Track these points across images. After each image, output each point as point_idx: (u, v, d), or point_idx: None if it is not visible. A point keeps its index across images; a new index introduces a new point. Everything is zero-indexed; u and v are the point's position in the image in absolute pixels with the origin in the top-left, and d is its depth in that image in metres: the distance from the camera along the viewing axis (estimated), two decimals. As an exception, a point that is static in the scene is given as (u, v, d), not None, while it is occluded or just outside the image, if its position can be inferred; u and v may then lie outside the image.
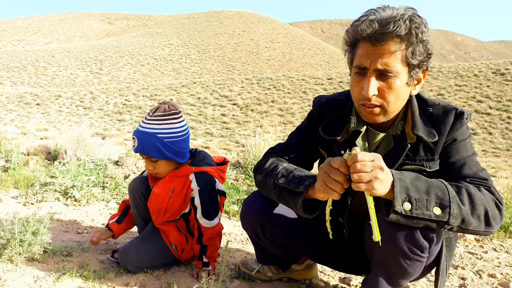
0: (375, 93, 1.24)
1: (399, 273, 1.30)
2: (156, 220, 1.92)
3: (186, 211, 1.91)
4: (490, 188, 1.24)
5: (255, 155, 4.35)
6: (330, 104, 1.52)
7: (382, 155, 1.37)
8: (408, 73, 1.25)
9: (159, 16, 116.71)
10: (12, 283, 1.59)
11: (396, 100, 1.27)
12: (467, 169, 1.29)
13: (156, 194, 1.87)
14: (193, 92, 30.06)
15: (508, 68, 27.69)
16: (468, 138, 1.35)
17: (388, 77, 1.23)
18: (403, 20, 1.18)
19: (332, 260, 1.67)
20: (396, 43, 1.20)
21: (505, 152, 18.80)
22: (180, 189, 1.85)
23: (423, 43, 1.23)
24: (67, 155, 4.27)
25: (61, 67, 52.31)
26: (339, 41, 29.85)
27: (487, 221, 1.18)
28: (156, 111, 1.78)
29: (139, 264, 1.81)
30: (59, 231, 2.38)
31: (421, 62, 1.25)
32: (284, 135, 19.86)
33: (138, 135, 1.76)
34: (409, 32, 1.19)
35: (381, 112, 1.29)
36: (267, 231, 1.55)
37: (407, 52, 1.21)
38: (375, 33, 1.20)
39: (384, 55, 1.21)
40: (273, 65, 67.67)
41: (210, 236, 1.86)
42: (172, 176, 1.85)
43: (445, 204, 1.12)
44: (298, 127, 1.63)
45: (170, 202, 1.86)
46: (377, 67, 1.22)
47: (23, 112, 27.11)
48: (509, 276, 2.07)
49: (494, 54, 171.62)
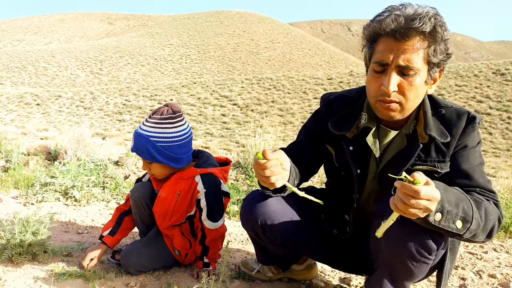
0: (396, 89, 1.23)
1: (404, 274, 1.30)
2: (161, 224, 1.90)
3: (192, 213, 1.90)
4: (498, 203, 1.26)
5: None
6: (340, 100, 1.51)
7: (394, 154, 1.37)
8: (428, 71, 1.25)
9: (159, 16, 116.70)
10: (12, 283, 1.59)
11: (415, 98, 1.27)
12: (477, 179, 1.29)
13: (163, 197, 1.85)
14: (193, 92, 30.06)
15: (508, 68, 27.68)
16: (478, 145, 1.34)
17: (409, 74, 1.22)
18: (428, 17, 1.17)
19: (332, 259, 1.67)
20: (420, 40, 1.19)
21: (505, 152, 18.79)
22: (186, 191, 1.84)
23: (445, 42, 1.22)
24: (67, 155, 4.27)
25: (61, 67, 52.31)
26: (339, 41, 29.85)
27: (490, 235, 1.20)
28: (155, 113, 1.78)
29: (141, 268, 1.81)
30: (59, 231, 2.38)
31: (441, 61, 1.24)
32: (284, 135, 19.86)
33: (134, 136, 1.79)
34: (434, 30, 1.18)
35: (398, 108, 1.27)
36: (267, 230, 1.54)
37: (430, 50, 1.20)
38: (400, 28, 1.18)
39: (407, 51, 1.19)
40: (273, 65, 67.66)
41: (213, 238, 1.86)
42: (178, 179, 1.84)
43: (468, 219, 1.12)
44: (304, 125, 1.62)
45: (177, 204, 1.85)
46: (399, 63, 1.20)
47: (23, 112, 27.11)
48: (509, 276, 2.07)
49: (494, 54, 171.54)
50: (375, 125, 1.39)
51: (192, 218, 1.93)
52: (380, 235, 1.09)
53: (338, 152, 1.48)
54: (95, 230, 2.50)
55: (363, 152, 1.42)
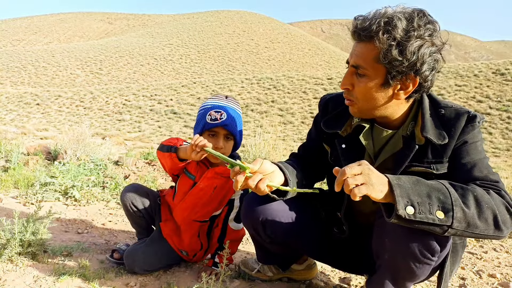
0: (347, 86, 1.32)
1: (406, 275, 1.29)
2: (187, 217, 1.87)
3: (218, 213, 1.90)
4: (501, 191, 1.20)
5: (255, 155, 4.35)
6: (335, 99, 1.55)
7: (389, 155, 1.37)
8: (385, 75, 1.24)
9: (159, 16, 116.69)
10: (12, 283, 1.59)
11: (367, 99, 1.30)
12: (477, 172, 1.26)
13: (200, 188, 1.83)
14: (193, 92, 30.05)
15: (508, 68, 27.68)
16: (479, 141, 1.32)
17: (361, 75, 1.28)
18: (379, 21, 1.19)
19: (332, 259, 1.67)
20: (370, 42, 1.22)
21: (505, 152, 18.79)
22: (221, 189, 1.84)
23: (399, 47, 1.18)
24: (67, 155, 4.27)
25: (61, 67, 52.29)
26: (339, 41, 29.78)
27: (496, 224, 1.13)
28: (228, 97, 1.87)
29: (147, 267, 1.80)
30: (59, 231, 2.38)
31: (397, 67, 1.21)
32: (284, 135, 19.87)
33: (226, 110, 1.78)
34: (377, 34, 1.19)
35: (354, 106, 1.35)
36: (267, 228, 1.54)
37: (380, 54, 1.21)
38: (354, 30, 1.26)
39: (359, 53, 1.26)
40: (273, 65, 67.65)
41: (233, 239, 1.87)
42: (216, 174, 1.82)
43: (447, 207, 1.09)
44: (309, 131, 1.69)
45: (210, 199, 1.84)
46: (352, 63, 1.28)
47: (23, 112, 27.11)
48: (509, 276, 2.07)
49: (494, 54, 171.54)
50: (369, 124, 1.40)
51: (215, 218, 1.93)
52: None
53: (332, 150, 1.51)
54: (95, 230, 2.50)
55: (356, 151, 1.43)
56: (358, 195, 1.06)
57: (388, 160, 1.38)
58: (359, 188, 1.07)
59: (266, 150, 4.36)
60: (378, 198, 1.09)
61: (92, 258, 1.95)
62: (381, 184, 1.10)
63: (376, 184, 1.08)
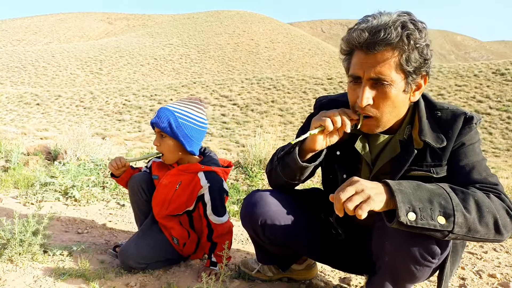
0: (369, 102, 1.23)
1: (406, 277, 1.29)
2: (159, 213, 1.94)
3: (191, 208, 1.94)
4: (501, 195, 1.19)
5: (255, 155, 4.35)
6: (331, 103, 1.51)
7: (388, 160, 1.36)
8: (405, 80, 1.23)
9: (159, 16, 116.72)
10: (12, 283, 1.59)
11: (392, 109, 1.26)
12: (476, 174, 1.25)
13: (163, 185, 1.90)
14: (193, 92, 30.06)
15: (508, 68, 27.69)
16: (477, 142, 1.31)
17: (383, 86, 1.21)
18: (394, 27, 1.16)
19: (332, 259, 1.67)
20: (388, 51, 1.19)
21: (505, 152, 18.80)
22: (187, 184, 1.89)
23: (418, 49, 1.20)
24: (67, 155, 4.27)
25: (61, 67, 52.32)
26: (339, 41, 29.94)
27: (496, 228, 1.12)
28: (185, 98, 1.93)
29: (140, 259, 1.81)
30: (59, 231, 2.38)
31: (417, 69, 1.22)
32: (284, 135, 19.85)
33: (159, 109, 1.88)
34: (401, 39, 1.17)
35: (375, 123, 1.29)
36: (267, 230, 1.55)
37: (401, 60, 1.19)
38: (366, 42, 1.18)
39: (377, 64, 1.20)
40: (273, 65, 67.66)
41: (221, 233, 1.88)
42: (180, 170, 1.90)
43: (449, 212, 1.08)
44: (301, 127, 1.64)
45: (176, 194, 1.89)
46: (371, 76, 1.21)
47: (23, 112, 27.11)
48: (509, 276, 2.07)
49: (494, 54, 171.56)
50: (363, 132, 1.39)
51: (191, 213, 1.97)
52: None
53: (326, 155, 1.46)
54: (95, 230, 2.50)
55: (352, 157, 1.42)
56: (363, 215, 1.05)
57: (386, 166, 1.37)
58: (360, 208, 1.05)
59: (266, 150, 4.36)
60: (380, 208, 1.08)
61: (92, 258, 1.95)
62: (379, 194, 1.08)
63: (374, 196, 1.07)
